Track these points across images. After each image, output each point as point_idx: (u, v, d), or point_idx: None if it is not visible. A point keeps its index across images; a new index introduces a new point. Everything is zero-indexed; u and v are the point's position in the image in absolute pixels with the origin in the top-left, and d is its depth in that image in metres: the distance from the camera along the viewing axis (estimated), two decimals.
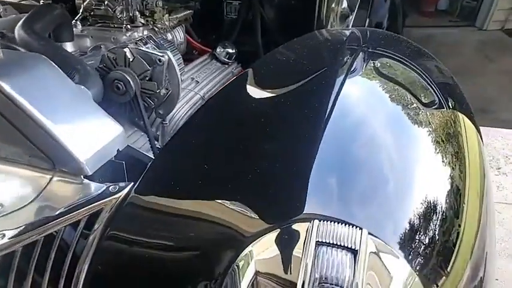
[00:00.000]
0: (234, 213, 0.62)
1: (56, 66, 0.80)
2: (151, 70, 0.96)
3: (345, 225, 0.56)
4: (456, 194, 0.78)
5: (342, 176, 0.68)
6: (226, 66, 1.45)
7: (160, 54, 0.95)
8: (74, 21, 1.24)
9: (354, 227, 0.56)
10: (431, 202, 0.72)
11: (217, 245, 0.61)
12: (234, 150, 0.74)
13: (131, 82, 0.94)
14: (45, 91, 0.76)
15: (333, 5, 1.59)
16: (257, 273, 0.56)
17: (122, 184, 0.71)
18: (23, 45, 0.95)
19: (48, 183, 0.72)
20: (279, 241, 0.58)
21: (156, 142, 1.08)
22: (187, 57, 1.53)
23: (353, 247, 0.55)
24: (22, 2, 1.67)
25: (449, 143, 0.87)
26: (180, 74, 1.02)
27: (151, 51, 0.95)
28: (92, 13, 1.25)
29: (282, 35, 1.57)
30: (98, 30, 1.23)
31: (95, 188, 0.72)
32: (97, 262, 0.65)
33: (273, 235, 0.58)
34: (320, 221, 0.56)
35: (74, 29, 1.22)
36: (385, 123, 0.85)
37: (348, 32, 1.48)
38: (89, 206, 0.69)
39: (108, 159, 0.78)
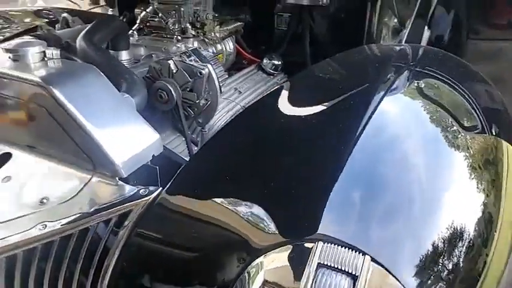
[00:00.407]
0: (253, 224, 0.66)
1: (104, 76, 0.88)
2: (192, 82, 1.02)
3: (349, 249, 0.58)
4: (487, 222, 0.76)
5: (365, 195, 0.69)
6: (272, 77, 1.49)
7: (202, 67, 1.01)
8: (131, 31, 1.34)
9: (358, 252, 0.58)
10: (458, 229, 0.71)
11: (233, 251, 0.65)
12: (261, 163, 0.78)
13: (173, 92, 1.01)
14: (91, 98, 0.84)
15: (386, 19, 1.58)
16: (265, 282, 0.59)
17: (151, 188, 0.78)
18: (82, 54, 1.05)
19: (87, 183, 0.80)
20: (288, 257, 0.61)
21: (195, 148, 1.14)
22: (237, 66, 1.59)
23: (353, 272, 0.56)
24: (91, 10, 1.83)
25: (487, 169, 0.85)
26: (221, 86, 1.07)
27: (193, 64, 1.02)
28: (147, 24, 1.35)
29: (331, 47, 1.58)
30: (152, 40, 1.32)
31: (128, 190, 0.79)
32: (124, 256, 0.72)
33: (284, 250, 0.61)
34: (324, 243, 0.58)
35: (131, 38, 1.32)
36: (419, 144, 0.84)
37: (398, 48, 1.45)
38: (120, 206, 0.76)
39: (143, 163, 0.84)
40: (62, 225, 0.75)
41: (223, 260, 0.66)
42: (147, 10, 1.32)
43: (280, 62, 1.48)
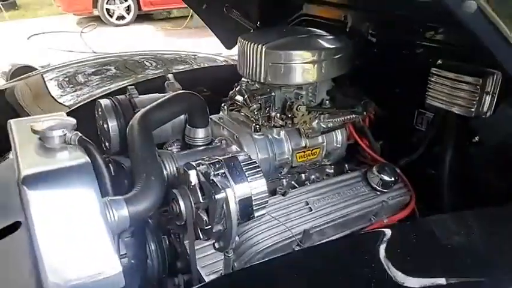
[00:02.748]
0: None
1: (95, 180, 0.81)
2: (205, 202, 0.86)
3: None
4: None
5: None
6: (377, 194, 1.16)
7: (219, 189, 0.84)
8: (222, 105, 1.24)
9: None
10: None
11: None
12: None
13: (183, 209, 0.87)
14: (63, 205, 0.78)
15: None
16: None
17: None
18: (129, 135, 1.00)
19: None
20: None
21: None
22: (352, 165, 1.33)
23: None
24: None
25: None
26: (252, 212, 0.88)
27: (214, 181, 0.85)
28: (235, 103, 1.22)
29: (484, 178, 1.14)
30: (234, 121, 1.19)
31: None
32: None
33: None
34: None
35: (220, 113, 1.23)
36: None
37: None
38: None
39: None
40: None
41: None
42: (236, 89, 1.20)
43: (392, 179, 1.14)
